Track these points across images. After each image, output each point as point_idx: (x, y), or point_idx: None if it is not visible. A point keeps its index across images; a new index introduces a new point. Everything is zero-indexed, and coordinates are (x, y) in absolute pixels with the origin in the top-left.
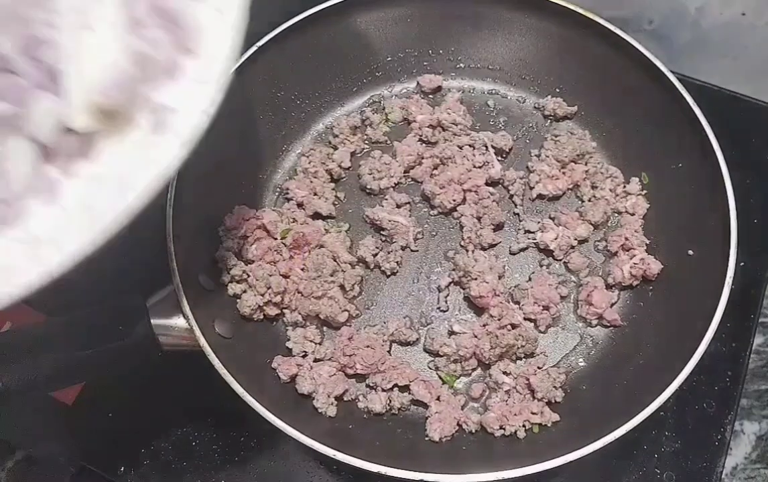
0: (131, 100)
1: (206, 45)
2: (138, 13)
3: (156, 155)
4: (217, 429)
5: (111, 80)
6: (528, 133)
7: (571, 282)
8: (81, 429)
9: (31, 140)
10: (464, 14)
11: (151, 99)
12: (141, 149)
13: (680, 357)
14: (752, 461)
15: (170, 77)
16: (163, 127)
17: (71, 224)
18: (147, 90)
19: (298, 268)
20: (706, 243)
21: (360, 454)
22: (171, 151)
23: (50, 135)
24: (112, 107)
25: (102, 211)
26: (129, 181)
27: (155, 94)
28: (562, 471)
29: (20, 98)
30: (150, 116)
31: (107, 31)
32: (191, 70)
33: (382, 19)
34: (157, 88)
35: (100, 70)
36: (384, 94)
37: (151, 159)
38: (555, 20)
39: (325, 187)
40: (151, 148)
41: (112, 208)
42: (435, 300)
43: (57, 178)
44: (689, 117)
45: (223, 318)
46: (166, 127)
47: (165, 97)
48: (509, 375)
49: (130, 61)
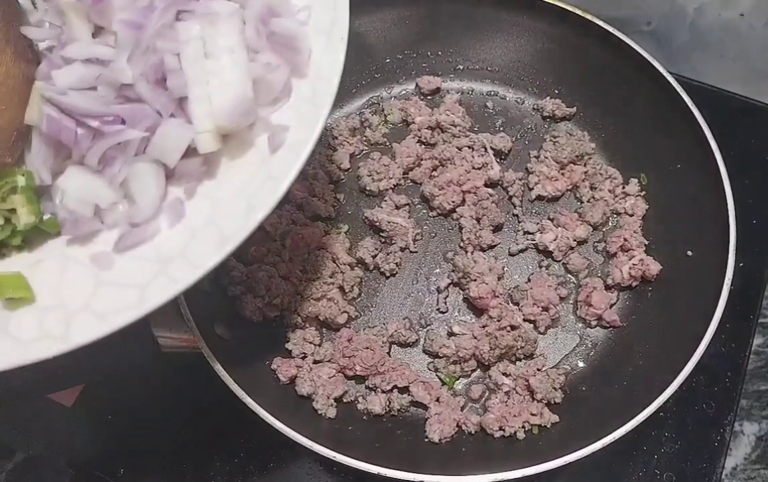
0: (251, 122)
1: (315, 65)
2: (252, 38)
3: (275, 171)
4: (216, 431)
5: (234, 105)
6: (527, 134)
7: (570, 283)
8: (80, 431)
9: (158, 164)
10: (463, 16)
11: (269, 120)
12: (260, 166)
13: (680, 357)
14: (752, 461)
15: (284, 98)
16: (279, 145)
17: (199, 241)
18: (265, 112)
19: (297, 270)
20: (705, 243)
21: (359, 456)
22: (288, 167)
23: (177, 158)
24: (235, 130)
25: (229, 226)
26: (253, 198)
27: (272, 116)
28: (561, 472)
29: (148, 124)
30: (266, 135)
31: (228, 58)
32: (301, 89)
33: (381, 21)
34: (273, 109)
35: (224, 96)
36: (383, 96)
37: (270, 175)
38: (553, 22)
39: (324, 188)
40: (269, 165)
41: (238, 224)
42: (434, 301)
43: (181, 199)
44: (688, 118)
45: (222, 319)
46: (281, 144)
47: (280, 117)
48: (509, 377)
49: (250, 85)
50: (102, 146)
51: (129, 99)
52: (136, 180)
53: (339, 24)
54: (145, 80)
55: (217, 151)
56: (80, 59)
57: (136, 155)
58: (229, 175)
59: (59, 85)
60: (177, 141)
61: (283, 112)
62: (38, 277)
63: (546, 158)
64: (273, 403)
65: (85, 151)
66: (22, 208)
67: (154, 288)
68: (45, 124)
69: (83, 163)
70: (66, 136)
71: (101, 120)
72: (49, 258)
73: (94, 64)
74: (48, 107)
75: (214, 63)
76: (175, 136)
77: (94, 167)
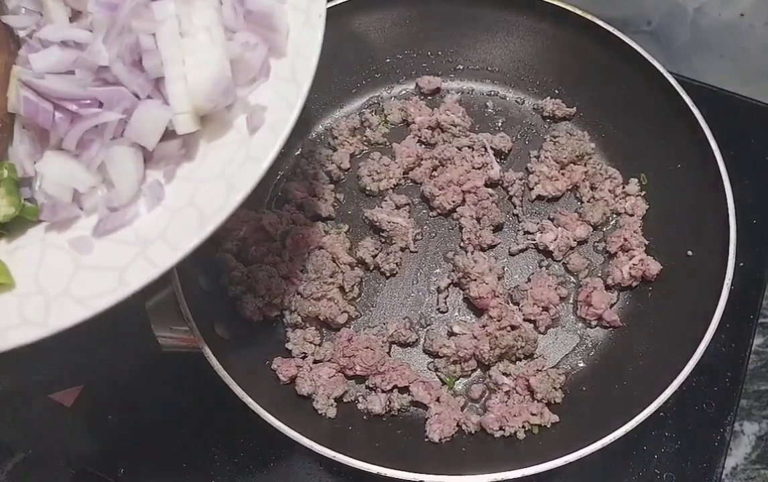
0: (230, 102)
1: (293, 44)
2: (230, 17)
3: (254, 152)
4: (216, 430)
5: (213, 84)
6: (527, 134)
7: (570, 283)
8: (80, 431)
9: (137, 147)
10: (463, 16)
11: (247, 100)
12: (239, 147)
13: (680, 357)
14: (752, 461)
15: (262, 77)
16: (258, 125)
17: (179, 222)
18: (243, 92)
19: (297, 270)
20: (705, 243)
21: (359, 455)
22: (267, 147)
23: (156, 140)
24: (213, 110)
25: (209, 207)
26: (233, 178)
27: (251, 96)
28: (561, 472)
29: (125, 106)
30: (245, 116)
31: (205, 37)
32: (280, 68)
33: (381, 21)
34: (252, 89)
35: (202, 75)
36: (383, 96)
37: (250, 156)
38: (554, 22)
39: (324, 188)
40: (248, 146)
41: (218, 204)
42: (434, 301)
43: (160, 181)
44: (688, 118)
45: (222, 319)
46: (260, 124)
47: (259, 97)
48: (509, 376)
49: (228, 64)
50: (79, 129)
51: (106, 81)
52: (114, 163)
53: (317, 2)
54: (121, 62)
55: (195, 133)
56: (57, 42)
57: (114, 139)
58: (209, 156)
59: (36, 69)
60: (155, 123)
61: (261, 92)
62: (17, 264)
63: (546, 158)
64: (273, 403)
65: (63, 135)
66: (2, 200)
67: (134, 271)
68: (22, 107)
69: (61, 147)
70: (43, 119)
71: (78, 103)
72: (27, 244)
73: (71, 47)
74: (25, 90)
75: (190, 41)
76: (153, 117)
77: (72, 151)
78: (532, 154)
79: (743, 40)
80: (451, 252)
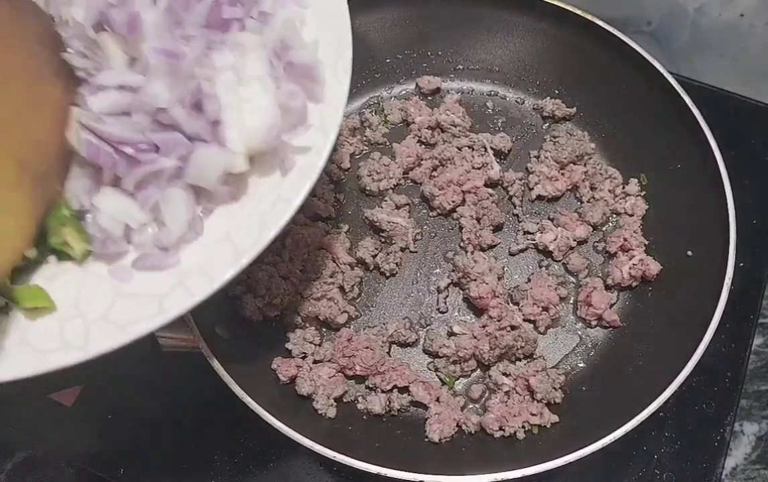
0: (278, 145)
1: (328, 94)
2: (276, 68)
3: (285, 193)
4: (216, 430)
5: (268, 129)
6: (527, 134)
7: (570, 283)
8: (80, 431)
9: (189, 189)
10: (463, 16)
11: (289, 145)
12: (273, 187)
13: (680, 357)
14: (752, 461)
15: (301, 124)
16: (290, 168)
17: (215, 255)
18: (287, 137)
19: (297, 270)
20: (705, 243)
21: (359, 455)
22: (297, 189)
23: (216, 181)
24: (264, 152)
25: (243, 242)
26: (265, 216)
27: (294, 140)
28: (561, 472)
29: (182, 153)
30: (280, 159)
31: (258, 85)
32: (315, 116)
33: (381, 21)
34: (294, 133)
35: (258, 121)
36: (383, 96)
37: (281, 196)
38: (554, 22)
39: (324, 188)
40: (280, 187)
41: (252, 240)
42: (434, 301)
43: (200, 216)
44: (688, 118)
45: (222, 319)
46: (291, 167)
47: (298, 140)
48: (509, 377)
49: (279, 111)
50: (138, 173)
51: (162, 125)
52: (168, 204)
53: (343, 58)
54: (180, 105)
55: (241, 174)
56: (114, 86)
57: (168, 181)
58: (247, 195)
59: (94, 111)
60: (215, 165)
61: (300, 137)
62: (56, 290)
63: (546, 158)
64: (273, 403)
65: (122, 176)
66: (74, 239)
67: (173, 299)
68: (85, 149)
69: (118, 186)
70: (105, 161)
71: (135, 147)
72: (66, 271)
73: (127, 90)
74: (85, 133)
75: (246, 89)
76: (215, 160)
77: (129, 191)
78: (532, 154)
79: (743, 40)
80: (451, 252)
